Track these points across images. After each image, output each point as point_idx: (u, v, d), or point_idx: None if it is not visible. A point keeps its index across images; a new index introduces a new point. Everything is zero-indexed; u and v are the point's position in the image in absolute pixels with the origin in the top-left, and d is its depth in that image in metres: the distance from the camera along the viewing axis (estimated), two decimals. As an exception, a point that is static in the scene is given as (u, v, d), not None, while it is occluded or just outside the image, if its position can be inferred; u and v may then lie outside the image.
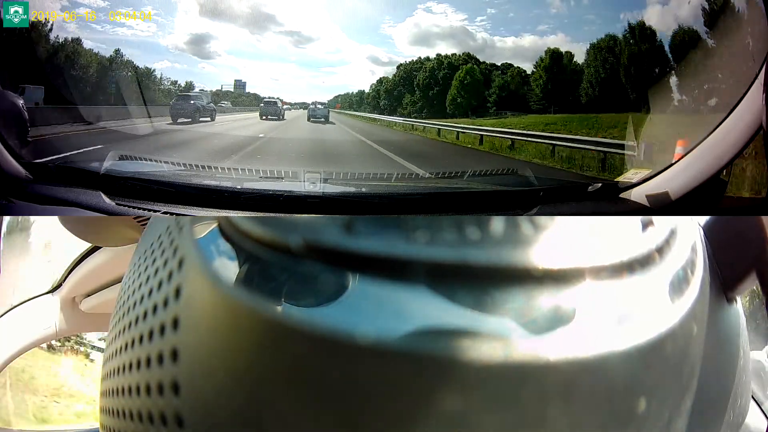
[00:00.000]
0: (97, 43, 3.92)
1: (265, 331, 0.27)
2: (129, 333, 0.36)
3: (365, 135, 5.10)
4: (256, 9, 4.64)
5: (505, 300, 0.27)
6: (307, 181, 2.05)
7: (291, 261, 0.28)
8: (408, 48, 5.41)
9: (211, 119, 4.08)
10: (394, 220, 0.29)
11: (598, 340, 0.27)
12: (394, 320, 0.26)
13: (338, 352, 0.26)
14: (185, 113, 3.77)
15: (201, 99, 4.01)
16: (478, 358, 0.26)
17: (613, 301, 0.29)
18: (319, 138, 4.65)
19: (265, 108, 4.84)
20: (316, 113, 5.18)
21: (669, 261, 0.32)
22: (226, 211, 1.36)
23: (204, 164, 2.84)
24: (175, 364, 0.31)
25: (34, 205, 1.34)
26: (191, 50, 4.70)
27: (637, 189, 1.50)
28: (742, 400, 0.45)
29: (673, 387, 0.32)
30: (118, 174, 1.56)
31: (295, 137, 4.36)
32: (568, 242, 0.29)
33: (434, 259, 0.27)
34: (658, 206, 1.39)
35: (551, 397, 0.27)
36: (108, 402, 0.39)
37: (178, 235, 0.35)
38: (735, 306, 0.45)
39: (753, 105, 1.19)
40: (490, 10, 4.74)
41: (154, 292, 0.35)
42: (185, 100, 3.85)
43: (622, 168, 2.91)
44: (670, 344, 0.30)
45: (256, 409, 0.28)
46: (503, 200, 1.67)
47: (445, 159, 4.60)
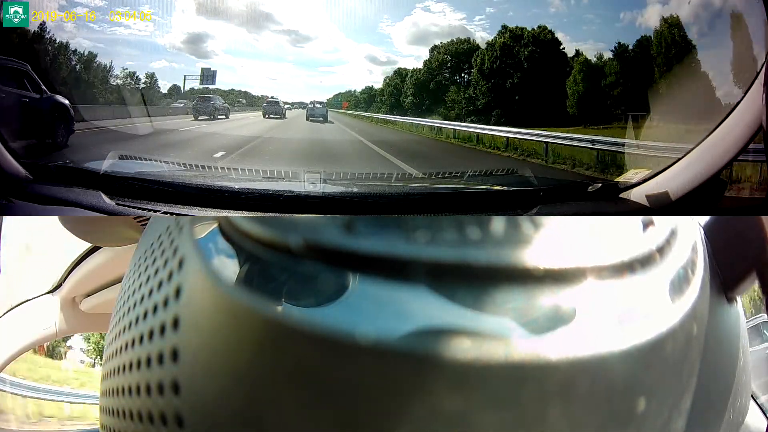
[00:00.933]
0: (95, 42, 3.95)
1: (265, 331, 0.27)
2: (129, 333, 0.36)
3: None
4: (254, 8, 4.65)
5: (505, 300, 0.27)
6: (307, 181, 2.05)
7: (291, 261, 0.28)
8: (406, 47, 5.38)
9: (226, 117, 4.68)
10: (394, 220, 0.29)
11: (598, 340, 0.27)
12: (395, 320, 0.26)
13: (338, 352, 0.26)
14: (206, 112, 4.44)
15: (218, 100, 4.64)
16: (478, 358, 0.26)
17: (613, 301, 0.29)
18: (319, 138, 4.70)
19: (268, 107, 5.10)
20: (314, 112, 5.19)
21: (669, 261, 0.32)
22: (226, 211, 1.36)
23: (204, 164, 2.85)
24: (175, 364, 0.31)
25: (34, 205, 1.34)
26: (189, 49, 4.72)
27: (637, 189, 1.50)
28: (742, 399, 0.45)
29: (673, 387, 0.32)
30: (118, 174, 1.56)
31: (296, 136, 4.62)
32: (568, 242, 0.29)
33: (434, 259, 0.27)
34: (658, 206, 1.39)
35: (551, 397, 0.27)
36: (108, 402, 0.39)
37: (178, 235, 0.35)
38: (735, 306, 0.45)
39: (753, 105, 1.19)
40: (489, 9, 4.72)
41: (155, 292, 0.35)
42: (205, 101, 4.52)
43: (622, 166, 2.91)
44: (670, 344, 0.30)
45: (256, 409, 0.28)
46: (503, 200, 1.67)
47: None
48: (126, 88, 4.13)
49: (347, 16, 5.13)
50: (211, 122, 4.49)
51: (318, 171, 2.36)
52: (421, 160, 4.03)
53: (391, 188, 2.29)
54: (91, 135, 3.23)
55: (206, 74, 4.31)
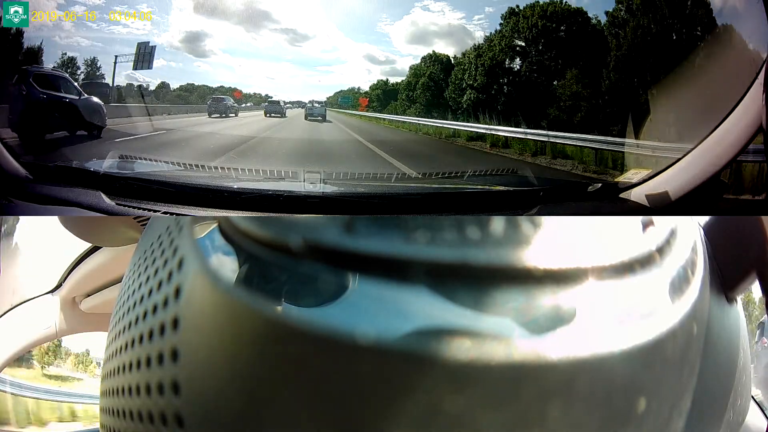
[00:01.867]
0: (93, 41, 3.96)
1: (265, 331, 0.27)
2: (129, 333, 0.36)
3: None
4: (251, 6, 4.65)
5: (505, 300, 0.27)
6: (307, 181, 2.05)
7: (291, 261, 0.28)
8: (405, 46, 5.34)
9: (236, 115, 5.12)
10: (394, 220, 0.29)
11: (598, 340, 0.27)
12: (394, 320, 0.26)
13: (338, 351, 0.26)
14: (218, 110, 4.92)
15: (229, 100, 5.09)
16: (478, 358, 0.26)
17: (613, 301, 0.29)
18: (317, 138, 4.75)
19: (270, 107, 5.31)
20: (313, 112, 5.21)
21: (669, 261, 0.32)
22: (226, 211, 1.36)
23: (204, 164, 2.85)
24: (175, 363, 0.31)
25: (34, 205, 1.34)
26: (186, 48, 4.73)
27: (637, 189, 1.50)
28: (742, 399, 0.45)
29: (673, 387, 0.32)
30: (118, 174, 1.56)
31: (296, 133, 4.86)
32: (568, 242, 0.29)
33: (434, 259, 0.27)
34: (658, 206, 1.39)
35: (551, 397, 0.27)
36: (108, 402, 0.39)
37: (178, 235, 0.35)
38: (735, 306, 0.45)
39: (753, 105, 1.19)
40: (488, 9, 4.70)
41: (154, 292, 0.35)
42: (218, 101, 5.00)
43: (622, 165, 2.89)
44: (670, 344, 0.30)
45: (256, 409, 0.28)
46: (503, 200, 1.67)
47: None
48: (134, 87, 4.19)
49: (345, 15, 5.11)
50: (222, 119, 4.98)
51: (318, 171, 2.36)
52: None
53: (391, 188, 2.28)
54: (118, 139, 3.28)
55: (142, 51, 3.93)
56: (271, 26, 4.89)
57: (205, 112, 4.86)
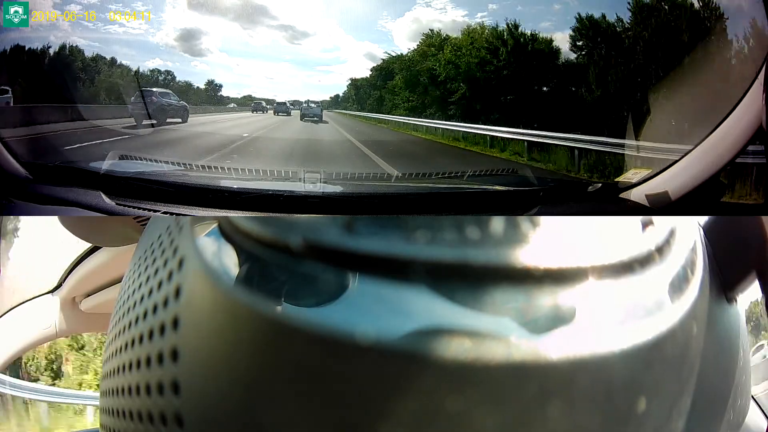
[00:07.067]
0: (90, 41, 3.96)
1: (265, 331, 0.27)
2: (129, 333, 0.36)
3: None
4: (247, 2, 4.64)
5: (505, 300, 0.27)
6: (307, 181, 2.05)
7: (291, 261, 0.28)
8: (407, 45, 5.30)
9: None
10: (394, 220, 0.29)
11: (598, 340, 0.27)
12: (395, 320, 0.26)
13: (338, 351, 0.26)
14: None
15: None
16: (478, 358, 0.26)
17: (613, 301, 0.29)
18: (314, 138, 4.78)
19: (278, 107, 5.46)
20: (308, 112, 5.20)
21: (669, 261, 0.32)
22: (226, 211, 1.36)
23: (204, 164, 2.85)
24: (175, 363, 0.31)
25: (34, 205, 1.34)
26: (183, 48, 4.72)
27: (637, 189, 1.50)
28: (742, 399, 0.45)
29: (673, 387, 0.32)
30: (118, 174, 1.56)
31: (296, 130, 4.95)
32: (568, 242, 0.29)
33: (434, 259, 0.27)
34: (658, 206, 1.39)
35: (551, 397, 0.27)
36: (108, 402, 0.39)
37: (178, 235, 0.35)
38: (735, 306, 0.45)
39: (753, 105, 1.18)
40: (492, 6, 4.67)
41: (155, 291, 0.35)
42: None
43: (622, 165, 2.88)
44: (670, 344, 0.30)
45: (256, 409, 0.28)
46: (503, 200, 1.67)
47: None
48: (130, 85, 4.17)
49: (345, 12, 5.08)
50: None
51: (318, 171, 2.36)
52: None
53: (391, 188, 2.28)
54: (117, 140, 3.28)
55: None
56: (269, 22, 4.86)
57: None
